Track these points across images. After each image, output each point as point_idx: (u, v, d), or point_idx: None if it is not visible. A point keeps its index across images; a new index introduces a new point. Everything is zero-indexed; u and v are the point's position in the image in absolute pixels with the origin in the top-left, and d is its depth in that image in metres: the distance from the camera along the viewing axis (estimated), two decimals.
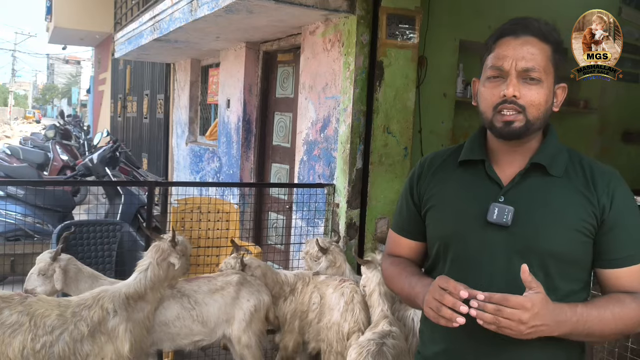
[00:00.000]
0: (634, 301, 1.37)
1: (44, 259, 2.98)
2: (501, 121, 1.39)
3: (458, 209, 1.48)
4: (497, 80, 1.40)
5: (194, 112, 7.76)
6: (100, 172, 7.01)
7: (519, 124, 1.39)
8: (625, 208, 1.42)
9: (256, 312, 3.16)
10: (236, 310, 3.14)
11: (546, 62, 1.39)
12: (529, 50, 1.38)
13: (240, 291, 3.16)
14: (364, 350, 2.53)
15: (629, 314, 1.36)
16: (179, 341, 3.09)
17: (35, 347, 2.57)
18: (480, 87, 1.46)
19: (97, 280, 3.09)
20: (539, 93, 1.38)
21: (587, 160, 1.48)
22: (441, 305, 1.30)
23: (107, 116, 15.71)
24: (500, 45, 1.41)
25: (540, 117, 1.41)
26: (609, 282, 1.43)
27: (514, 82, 1.37)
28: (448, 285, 1.32)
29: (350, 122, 3.92)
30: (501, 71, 1.39)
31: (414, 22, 4.01)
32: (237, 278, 3.20)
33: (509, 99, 1.37)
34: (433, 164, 1.59)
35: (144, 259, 2.94)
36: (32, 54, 63.42)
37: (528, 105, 1.38)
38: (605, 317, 1.34)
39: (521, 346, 1.35)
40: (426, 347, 1.58)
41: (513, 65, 1.37)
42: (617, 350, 2.85)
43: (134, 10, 6.81)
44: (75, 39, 16.63)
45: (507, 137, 1.42)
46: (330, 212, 4.11)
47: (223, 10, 4.07)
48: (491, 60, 1.42)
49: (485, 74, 1.44)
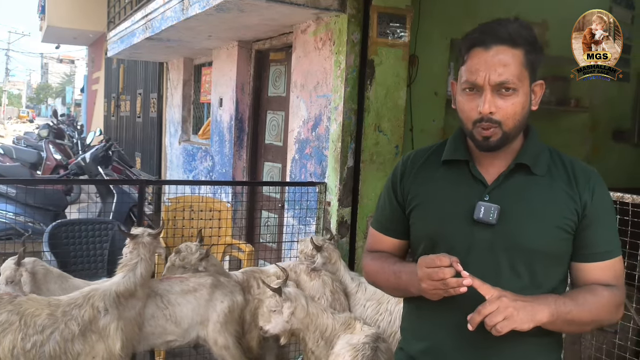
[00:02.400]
0: (606, 290, 1.42)
1: (8, 266, 2.91)
2: (481, 135, 1.41)
3: (444, 208, 1.49)
4: (472, 93, 1.41)
5: (187, 111, 7.75)
6: (92, 171, 7.00)
7: (495, 137, 1.40)
8: (604, 204, 1.45)
9: (230, 313, 3.13)
10: (210, 312, 3.10)
11: (520, 69, 1.39)
12: (501, 61, 1.37)
13: (214, 293, 3.13)
14: (359, 355, 2.49)
15: (601, 301, 1.41)
16: (153, 340, 3.06)
17: (26, 346, 2.56)
18: (458, 96, 1.46)
19: (67, 281, 3.06)
20: (515, 103, 1.39)
21: (568, 158, 1.50)
22: (441, 281, 1.33)
23: (101, 115, 15.65)
24: (472, 57, 1.40)
25: (518, 125, 1.42)
26: (583, 274, 1.46)
27: (489, 97, 1.37)
28: (434, 262, 1.35)
29: (342, 121, 3.93)
30: (475, 85, 1.39)
31: (405, 21, 4.02)
32: (211, 280, 3.16)
33: (485, 116, 1.38)
34: (416, 163, 1.60)
35: (129, 256, 2.90)
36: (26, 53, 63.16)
37: (504, 120, 1.39)
38: (584, 306, 1.38)
39: (506, 341, 1.36)
40: (410, 344, 1.59)
41: (486, 80, 1.37)
42: (604, 347, 2.88)
43: (127, 9, 6.79)
44: (69, 37, 16.59)
45: (487, 150, 1.44)
46: (322, 211, 4.12)
47: (214, 8, 4.07)
48: (465, 73, 1.42)
49: (460, 84, 1.44)
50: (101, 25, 11.17)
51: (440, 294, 1.36)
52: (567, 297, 1.39)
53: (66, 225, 4.31)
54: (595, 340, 2.95)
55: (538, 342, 1.44)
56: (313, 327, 2.67)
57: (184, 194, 4.56)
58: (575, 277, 1.48)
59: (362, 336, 2.59)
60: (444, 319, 1.45)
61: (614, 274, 1.45)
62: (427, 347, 1.52)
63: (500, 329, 1.27)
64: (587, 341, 3.02)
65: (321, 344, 2.67)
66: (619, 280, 1.46)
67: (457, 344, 1.44)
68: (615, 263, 1.45)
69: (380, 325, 3.08)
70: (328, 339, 2.67)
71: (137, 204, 3.74)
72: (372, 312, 3.20)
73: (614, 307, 1.43)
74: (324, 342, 2.67)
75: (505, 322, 1.27)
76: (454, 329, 1.42)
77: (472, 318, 1.30)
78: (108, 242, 4.37)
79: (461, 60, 1.45)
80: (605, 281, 1.44)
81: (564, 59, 4.94)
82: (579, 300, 1.38)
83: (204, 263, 3.20)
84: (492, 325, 1.28)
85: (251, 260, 4.23)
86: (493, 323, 1.27)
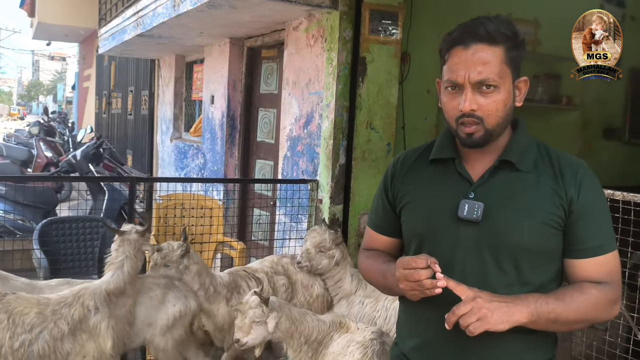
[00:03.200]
0: (595, 288, 1.40)
1: None
2: (464, 132, 1.42)
3: (430, 206, 1.51)
4: (454, 91, 1.42)
5: (178, 108, 7.71)
6: (83, 169, 6.97)
7: (478, 134, 1.41)
8: (592, 199, 1.44)
9: (181, 317, 3.07)
10: (160, 315, 3.04)
11: (500, 66, 1.39)
12: (481, 59, 1.38)
13: (167, 295, 3.07)
14: (368, 351, 2.48)
15: (589, 300, 1.39)
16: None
17: (14, 345, 2.54)
18: (442, 95, 1.48)
19: (8, 281, 2.97)
20: (496, 100, 1.39)
21: (556, 152, 1.49)
22: (417, 282, 1.34)
23: (92, 113, 15.57)
24: (452, 56, 1.42)
25: (500, 122, 1.43)
26: (576, 271, 1.45)
27: (470, 96, 1.39)
28: (409, 264, 1.36)
29: (333, 118, 3.92)
30: (456, 84, 1.40)
31: (397, 18, 4.02)
32: (165, 281, 3.11)
33: (467, 113, 1.39)
34: (405, 163, 1.62)
35: (116, 254, 2.88)
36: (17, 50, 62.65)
37: (485, 116, 1.40)
38: (570, 305, 1.37)
39: (497, 338, 1.36)
40: (403, 340, 1.60)
41: (467, 79, 1.38)
42: (595, 344, 2.89)
43: (118, 6, 6.76)
44: (60, 34, 16.46)
45: (471, 147, 1.45)
46: (314, 208, 4.11)
47: (205, 5, 4.05)
48: (446, 72, 1.43)
49: (443, 83, 1.46)
50: (92, 22, 11.10)
51: (417, 295, 1.37)
52: (552, 296, 1.38)
53: (56, 223, 4.28)
54: (586, 337, 2.96)
55: (530, 340, 1.44)
56: (297, 335, 2.60)
57: (176, 192, 4.54)
58: (568, 274, 1.47)
59: (368, 333, 2.58)
60: (434, 315, 1.45)
61: (608, 270, 1.43)
62: (418, 344, 1.53)
63: (474, 330, 1.28)
64: (578, 338, 3.04)
65: (304, 348, 2.61)
66: (613, 276, 1.43)
67: (447, 340, 1.45)
68: (608, 259, 1.43)
69: (377, 323, 3.08)
70: (314, 343, 2.61)
71: (128, 202, 3.72)
72: (370, 309, 3.18)
73: (607, 304, 1.41)
74: (307, 346, 2.61)
75: (478, 322, 1.28)
76: (442, 326, 1.41)
77: (448, 317, 1.31)
78: (99, 240, 4.35)
79: (442, 59, 1.46)
80: (597, 278, 1.42)
81: (555, 56, 5.02)
82: (565, 299, 1.37)
83: (185, 260, 3.11)
84: (466, 326, 1.29)
85: (243, 258, 4.21)
86: (466, 324, 1.29)
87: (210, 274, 3.24)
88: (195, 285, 3.15)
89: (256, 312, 2.53)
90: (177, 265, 3.09)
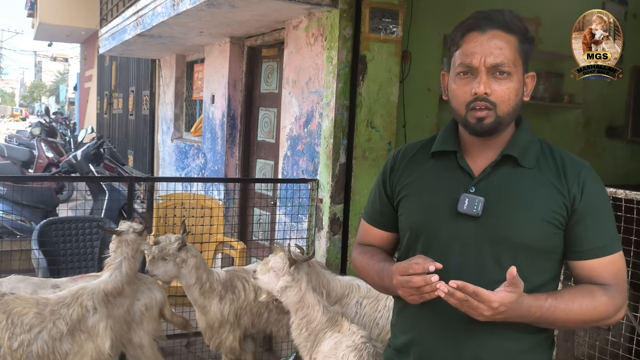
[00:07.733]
0: (605, 294, 1.37)
1: None
2: (474, 117, 1.39)
3: (429, 199, 1.48)
4: (467, 77, 1.40)
5: (179, 108, 7.70)
6: (84, 169, 6.97)
7: (489, 119, 1.39)
8: (596, 199, 1.41)
9: (147, 311, 3.03)
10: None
11: (514, 54, 1.39)
12: (497, 45, 1.38)
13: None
14: (364, 354, 2.48)
15: (597, 307, 1.36)
16: None
17: (13, 345, 2.54)
18: (451, 83, 1.45)
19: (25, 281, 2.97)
20: (509, 88, 1.39)
21: (559, 151, 1.47)
22: (417, 289, 1.33)
23: (94, 113, 15.57)
24: (468, 41, 1.41)
25: (511, 112, 1.41)
26: (581, 273, 1.42)
27: (484, 79, 1.37)
28: (406, 270, 1.35)
29: (334, 117, 3.90)
30: (471, 68, 1.39)
31: (397, 16, 4.00)
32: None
33: (481, 96, 1.37)
34: (406, 156, 1.59)
35: (114, 255, 2.87)
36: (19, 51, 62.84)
37: (499, 102, 1.38)
38: (572, 309, 1.35)
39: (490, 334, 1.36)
40: (396, 338, 1.58)
41: (482, 62, 1.37)
42: (598, 344, 2.87)
43: (119, 6, 6.75)
44: (61, 35, 16.47)
45: (480, 134, 1.43)
46: (314, 208, 4.10)
47: (205, 4, 4.03)
48: (460, 57, 1.42)
49: (454, 69, 1.44)
50: (94, 23, 11.11)
51: (417, 300, 1.36)
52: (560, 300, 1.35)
53: (56, 223, 4.27)
54: (589, 337, 2.94)
55: (525, 340, 1.42)
56: (302, 314, 2.64)
57: (176, 192, 4.53)
58: (575, 276, 1.45)
59: (358, 337, 2.56)
60: (427, 310, 1.43)
61: (613, 272, 1.40)
62: (410, 339, 1.51)
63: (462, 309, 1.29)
64: (581, 338, 3.02)
65: (304, 334, 2.64)
66: (618, 277, 1.41)
67: (439, 335, 1.43)
68: (615, 259, 1.41)
69: (379, 323, 3.03)
70: (313, 331, 2.63)
71: (127, 201, 3.71)
72: (370, 309, 3.11)
73: (612, 310, 1.39)
74: (307, 333, 2.63)
75: (472, 313, 1.28)
76: (437, 321, 1.42)
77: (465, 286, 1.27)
78: (98, 240, 4.34)
79: (455, 46, 1.44)
80: (603, 280, 1.39)
81: (557, 55, 4.99)
82: (569, 304, 1.36)
83: (182, 253, 3.08)
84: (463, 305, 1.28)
85: (243, 257, 4.20)
86: (463, 309, 1.28)
87: (207, 269, 3.22)
88: (192, 279, 3.13)
89: (277, 263, 2.64)
90: (174, 258, 3.07)
